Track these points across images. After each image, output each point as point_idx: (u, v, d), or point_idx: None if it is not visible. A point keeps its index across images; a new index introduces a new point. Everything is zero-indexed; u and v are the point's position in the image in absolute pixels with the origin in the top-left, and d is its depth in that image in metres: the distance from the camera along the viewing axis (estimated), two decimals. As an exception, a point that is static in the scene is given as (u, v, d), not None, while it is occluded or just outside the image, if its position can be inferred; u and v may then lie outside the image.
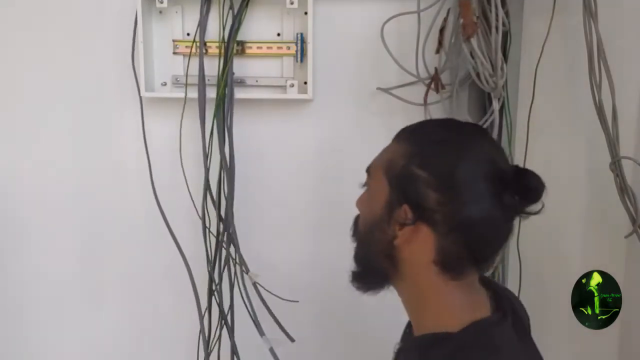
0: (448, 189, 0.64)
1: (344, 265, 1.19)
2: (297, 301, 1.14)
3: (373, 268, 0.73)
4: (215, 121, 1.11)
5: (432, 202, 0.64)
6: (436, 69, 1.06)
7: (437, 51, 1.06)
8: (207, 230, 1.13)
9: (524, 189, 0.65)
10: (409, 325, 0.78)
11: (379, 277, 0.73)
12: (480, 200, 0.64)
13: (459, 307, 0.67)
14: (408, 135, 0.72)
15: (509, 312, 0.69)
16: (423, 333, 0.69)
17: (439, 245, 0.65)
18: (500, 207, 0.64)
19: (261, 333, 1.12)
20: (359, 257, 0.76)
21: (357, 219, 0.77)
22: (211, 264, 1.14)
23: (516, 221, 0.69)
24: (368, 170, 0.74)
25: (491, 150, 0.68)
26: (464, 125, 0.73)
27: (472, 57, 0.97)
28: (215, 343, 1.16)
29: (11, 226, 1.22)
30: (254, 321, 1.13)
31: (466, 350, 0.63)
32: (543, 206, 0.66)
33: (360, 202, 0.76)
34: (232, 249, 1.14)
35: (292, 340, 1.12)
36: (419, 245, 0.66)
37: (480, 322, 0.66)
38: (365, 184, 0.75)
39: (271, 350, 1.10)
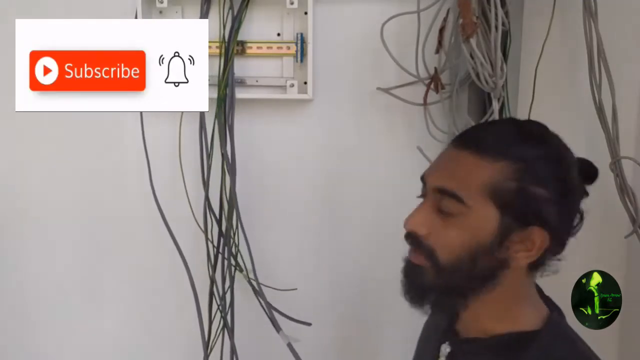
0: (565, 201, 0.65)
1: (345, 264, 1.20)
2: (295, 289, 1.16)
3: (460, 293, 0.67)
4: (216, 121, 1.11)
5: (554, 218, 0.63)
6: (436, 69, 1.06)
7: (437, 51, 1.06)
8: (207, 232, 1.13)
9: (591, 179, 0.68)
10: (445, 329, 0.74)
11: (462, 299, 0.67)
12: (579, 202, 0.67)
13: (536, 300, 0.69)
14: (497, 149, 0.64)
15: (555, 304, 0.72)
16: (497, 333, 0.67)
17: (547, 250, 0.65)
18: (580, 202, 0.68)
19: (278, 329, 1.11)
20: (443, 287, 0.66)
21: (432, 251, 0.64)
22: (212, 264, 1.14)
23: None
24: (446, 191, 0.64)
25: (562, 141, 0.68)
26: (536, 125, 0.68)
27: (472, 57, 0.97)
28: (215, 343, 1.16)
29: (12, 227, 1.22)
30: (269, 317, 1.12)
31: (553, 345, 0.65)
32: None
33: (439, 234, 0.65)
34: (232, 249, 1.14)
35: (309, 324, 1.13)
36: (532, 255, 0.65)
37: (553, 317, 0.68)
38: (448, 211, 0.64)
39: (289, 345, 1.09)
